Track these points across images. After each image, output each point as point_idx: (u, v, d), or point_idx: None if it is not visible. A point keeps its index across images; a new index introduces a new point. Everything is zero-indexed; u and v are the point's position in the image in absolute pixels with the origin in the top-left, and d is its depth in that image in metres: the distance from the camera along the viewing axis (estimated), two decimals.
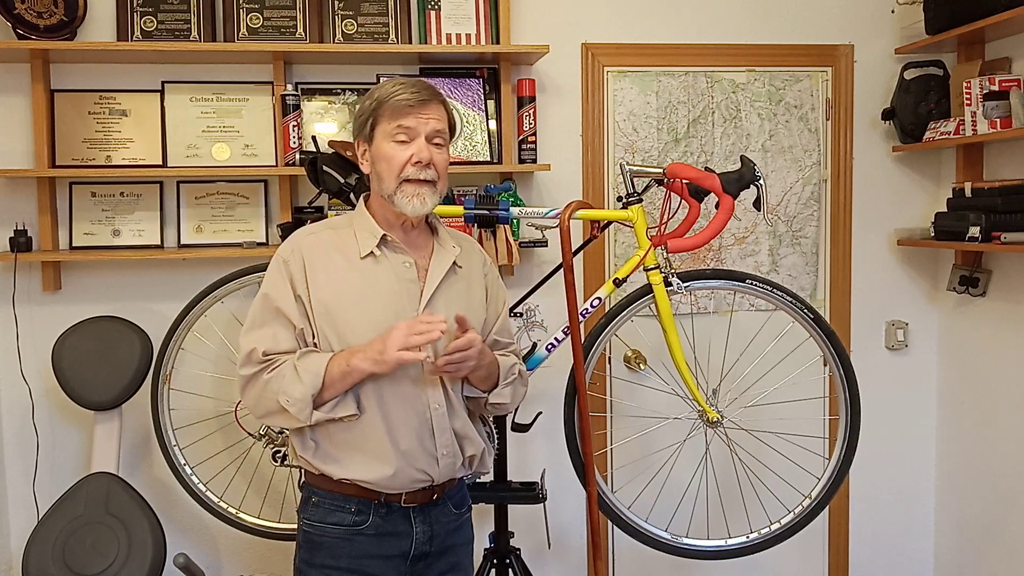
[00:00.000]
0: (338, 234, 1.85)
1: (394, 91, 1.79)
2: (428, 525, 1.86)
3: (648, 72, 3.01)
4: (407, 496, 1.83)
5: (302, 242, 1.84)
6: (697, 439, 2.59)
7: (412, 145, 1.79)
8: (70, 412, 2.77)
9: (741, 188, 2.34)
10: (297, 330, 1.79)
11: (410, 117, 1.78)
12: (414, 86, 1.81)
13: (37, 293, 2.78)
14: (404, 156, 1.78)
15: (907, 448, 3.24)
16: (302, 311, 1.79)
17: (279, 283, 1.80)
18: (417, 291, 1.82)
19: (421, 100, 1.79)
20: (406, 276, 1.82)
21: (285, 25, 2.79)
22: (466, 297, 1.90)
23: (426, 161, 1.78)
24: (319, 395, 1.73)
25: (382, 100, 1.80)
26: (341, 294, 1.79)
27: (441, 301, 1.84)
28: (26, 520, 2.77)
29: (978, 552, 3.07)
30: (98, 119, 2.76)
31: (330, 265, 1.80)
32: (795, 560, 3.20)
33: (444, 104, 1.85)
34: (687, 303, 3.02)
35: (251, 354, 1.78)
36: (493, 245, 2.40)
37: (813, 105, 3.09)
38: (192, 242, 2.82)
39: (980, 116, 2.71)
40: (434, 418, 1.81)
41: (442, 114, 1.84)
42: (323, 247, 1.82)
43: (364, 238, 1.83)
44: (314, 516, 1.84)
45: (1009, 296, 2.88)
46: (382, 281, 1.81)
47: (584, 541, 3.11)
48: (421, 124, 1.79)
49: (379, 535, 1.83)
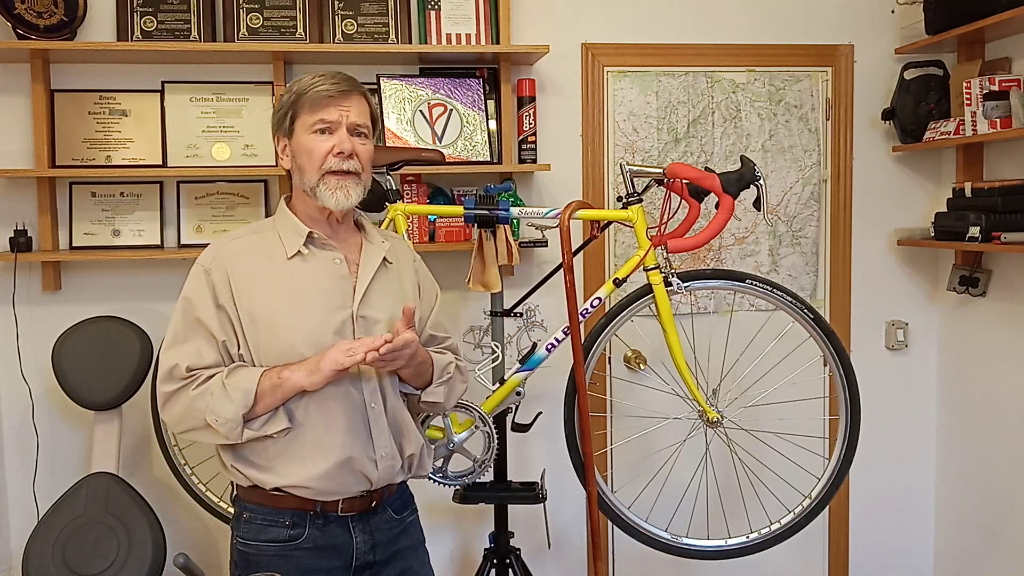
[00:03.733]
0: (261, 237, 1.80)
1: (313, 83, 1.75)
2: (369, 534, 1.80)
3: (648, 72, 3.01)
4: (344, 504, 1.77)
5: (223, 249, 1.77)
6: (697, 439, 2.59)
7: (333, 136, 1.75)
8: (70, 412, 2.77)
9: (741, 188, 2.34)
10: (219, 342, 1.72)
11: (331, 109, 1.74)
12: (333, 78, 1.77)
13: (37, 293, 2.78)
14: (325, 147, 1.74)
15: (907, 448, 3.24)
16: (224, 322, 1.73)
17: (200, 294, 1.74)
18: (350, 287, 1.77)
19: (341, 91, 1.75)
20: (337, 273, 1.77)
21: (285, 25, 2.79)
22: (399, 291, 1.85)
23: (348, 152, 1.74)
24: (249, 411, 1.67)
25: (301, 93, 1.76)
26: (270, 300, 1.73)
27: (375, 296, 1.79)
28: (26, 520, 2.77)
29: (978, 552, 3.07)
30: (98, 119, 2.76)
31: (256, 272, 1.74)
32: (795, 560, 3.20)
33: (365, 96, 1.81)
34: (687, 303, 3.02)
35: (173, 370, 1.71)
36: (493, 245, 2.40)
37: (813, 105, 3.09)
38: (192, 242, 2.82)
39: (980, 116, 2.70)
40: (371, 417, 1.76)
41: (363, 106, 1.80)
42: (247, 254, 1.77)
43: (289, 238, 1.77)
44: (247, 533, 1.77)
45: (1009, 296, 2.88)
46: (312, 279, 1.75)
47: (584, 541, 3.11)
48: (342, 115, 1.75)
49: (317, 548, 1.76)
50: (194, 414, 1.70)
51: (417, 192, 2.82)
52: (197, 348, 1.72)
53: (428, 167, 2.70)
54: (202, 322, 1.73)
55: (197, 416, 1.69)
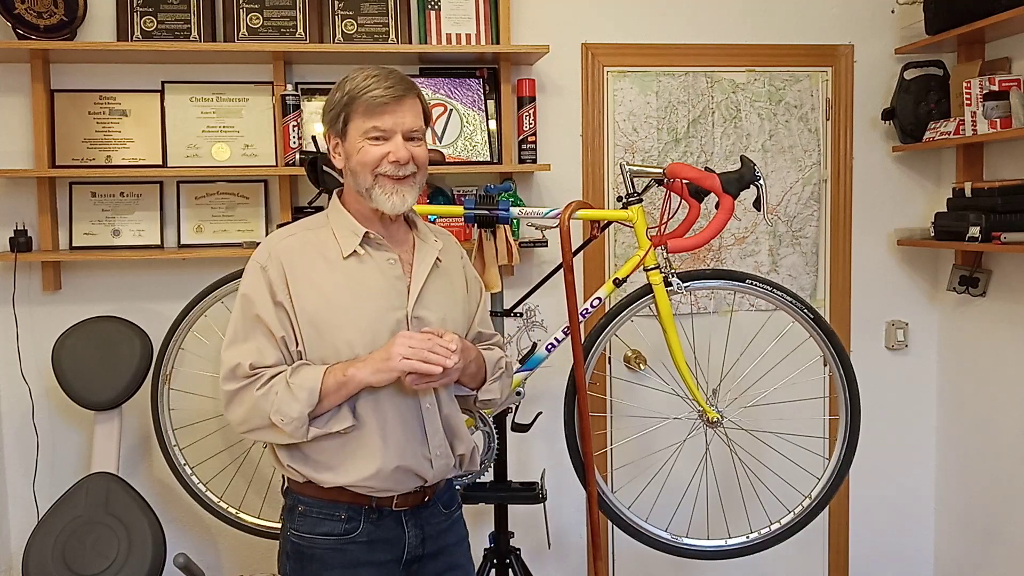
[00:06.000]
0: (316, 235, 1.77)
1: (366, 86, 1.69)
2: (420, 528, 1.82)
3: (648, 72, 3.01)
4: (398, 499, 1.78)
5: (279, 246, 1.75)
6: (697, 439, 2.59)
7: (389, 144, 1.71)
8: (70, 412, 2.77)
9: (741, 188, 2.34)
10: (278, 339, 1.71)
11: (385, 116, 1.70)
12: (387, 79, 1.70)
13: (37, 293, 2.78)
14: (380, 153, 1.71)
15: (907, 448, 3.24)
16: (283, 318, 1.71)
17: (259, 290, 1.72)
18: (404, 288, 1.77)
19: (396, 97, 1.70)
20: (392, 273, 1.76)
21: (285, 25, 2.79)
22: (451, 291, 1.85)
23: (404, 160, 1.71)
24: (314, 410, 1.67)
25: (354, 96, 1.70)
26: (327, 300, 1.72)
27: (429, 297, 1.79)
28: (26, 520, 2.77)
29: (978, 551, 3.07)
30: (98, 119, 2.76)
31: (312, 271, 1.73)
32: (795, 560, 3.20)
33: (419, 96, 1.76)
34: (687, 303, 3.02)
35: (236, 368, 1.70)
36: (493, 245, 2.40)
37: (813, 105, 3.09)
38: (192, 242, 2.82)
39: (980, 116, 2.70)
40: (426, 418, 1.77)
41: (417, 109, 1.75)
42: (302, 250, 1.75)
43: (345, 236, 1.76)
44: (302, 526, 1.78)
45: (1009, 296, 2.88)
46: (369, 280, 1.74)
47: (584, 541, 3.11)
48: (397, 123, 1.71)
49: (371, 542, 1.77)
50: (259, 414, 1.69)
51: None
52: (258, 346, 1.71)
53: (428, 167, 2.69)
54: (261, 319, 1.71)
55: (262, 415, 1.69)
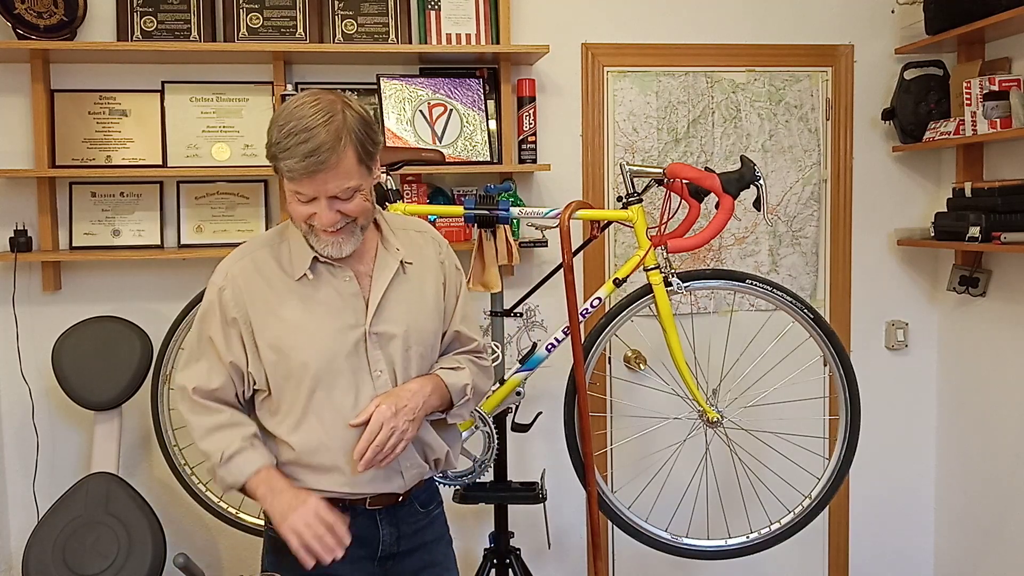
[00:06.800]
0: (273, 252, 1.74)
1: (285, 147, 1.57)
2: (395, 526, 1.81)
3: (648, 72, 3.01)
4: (372, 500, 1.78)
5: (233, 269, 1.73)
6: (697, 439, 2.59)
7: (314, 205, 1.62)
8: (70, 412, 2.77)
9: (741, 188, 2.34)
10: (227, 363, 1.72)
11: (304, 184, 1.59)
12: (307, 142, 1.56)
13: (37, 293, 2.78)
14: (306, 213, 1.64)
15: (907, 448, 3.24)
16: (234, 341, 1.72)
17: (212, 312, 1.73)
18: (362, 304, 1.72)
19: (310, 172, 1.57)
20: (348, 291, 1.72)
21: (285, 25, 2.79)
22: (418, 298, 1.80)
23: (330, 226, 1.63)
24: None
25: (276, 155, 1.60)
26: (284, 322, 1.70)
27: (389, 309, 1.75)
28: (26, 520, 2.77)
29: (978, 551, 3.07)
30: (98, 119, 2.76)
31: (268, 293, 1.71)
32: (795, 560, 3.20)
33: (350, 151, 1.59)
34: (687, 303, 3.02)
35: (183, 391, 1.76)
36: (493, 245, 2.40)
37: (813, 105, 3.09)
38: (192, 242, 2.82)
39: (980, 116, 2.71)
40: None
41: (345, 165, 1.59)
42: (257, 273, 1.72)
43: (297, 259, 1.72)
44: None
45: (1009, 296, 2.88)
46: (325, 300, 1.71)
47: (584, 541, 3.12)
48: (319, 190, 1.60)
49: None
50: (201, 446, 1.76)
51: (417, 192, 2.83)
52: (208, 366, 1.74)
53: (428, 167, 2.70)
54: (212, 341, 1.73)
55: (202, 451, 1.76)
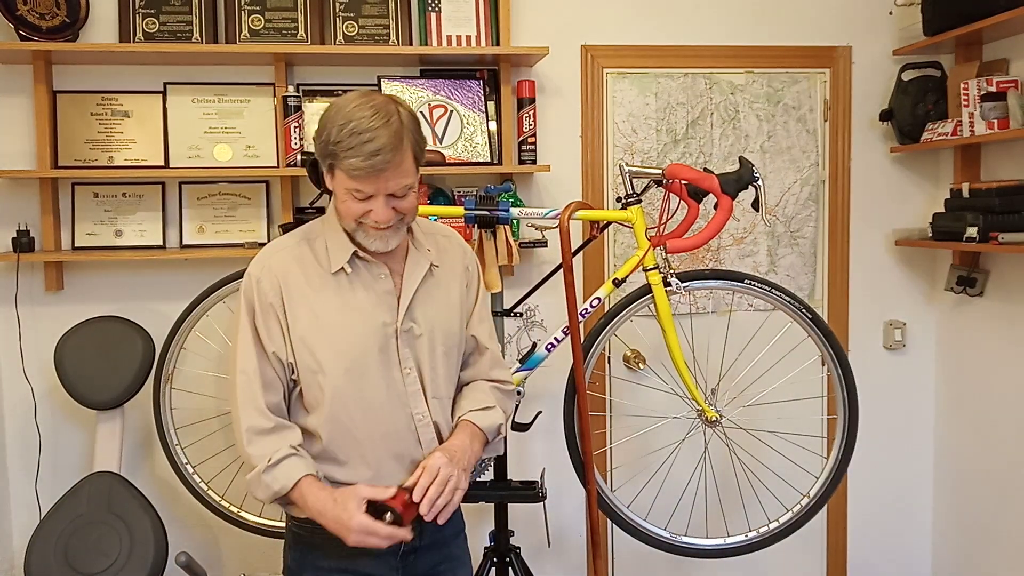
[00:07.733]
0: (312, 246, 1.78)
1: (349, 147, 1.60)
2: (418, 522, 1.81)
3: (647, 73, 3.02)
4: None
5: (272, 260, 1.76)
6: (696, 438, 2.61)
7: (371, 202, 1.66)
8: (72, 411, 2.78)
9: (740, 189, 2.36)
10: (270, 354, 1.73)
11: (367, 183, 1.63)
12: (373, 141, 1.59)
13: (40, 293, 2.79)
14: (361, 210, 1.67)
15: (905, 447, 3.25)
16: (274, 328, 1.73)
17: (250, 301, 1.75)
18: (394, 301, 1.78)
19: (378, 170, 1.61)
20: (382, 288, 1.76)
21: (286, 27, 2.80)
22: (444, 301, 1.85)
23: (385, 223, 1.68)
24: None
25: (336, 152, 1.62)
26: (316, 316, 1.73)
27: (418, 309, 1.79)
28: (28, 519, 2.78)
29: (976, 551, 3.08)
30: (100, 120, 2.77)
31: (304, 286, 1.74)
32: (794, 559, 3.21)
33: (410, 146, 1.65)
34: (686, 303, 3.03)
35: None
36: (493, 245, 2.41)
37: (811, 106, 3.11)
38: (194, 242, 2.83)
39: (977, 117, 2.72)
40: (419, 428, 1.79)
41: (405, 166, 1.65)
42: (294, 265, 1.75)
43: (335, 252, 1.75)
44: (304, 517, 1.81)
45: (1006, 296, 2.89)
46: (358, 295, 1.75)
47: (584, 540, 3.13)
48: (380, 188, 1.64)
49: None
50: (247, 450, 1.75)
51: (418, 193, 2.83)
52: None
53: (428, 168, 2.71)
54: (257, 332, 1.74)
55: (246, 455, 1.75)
